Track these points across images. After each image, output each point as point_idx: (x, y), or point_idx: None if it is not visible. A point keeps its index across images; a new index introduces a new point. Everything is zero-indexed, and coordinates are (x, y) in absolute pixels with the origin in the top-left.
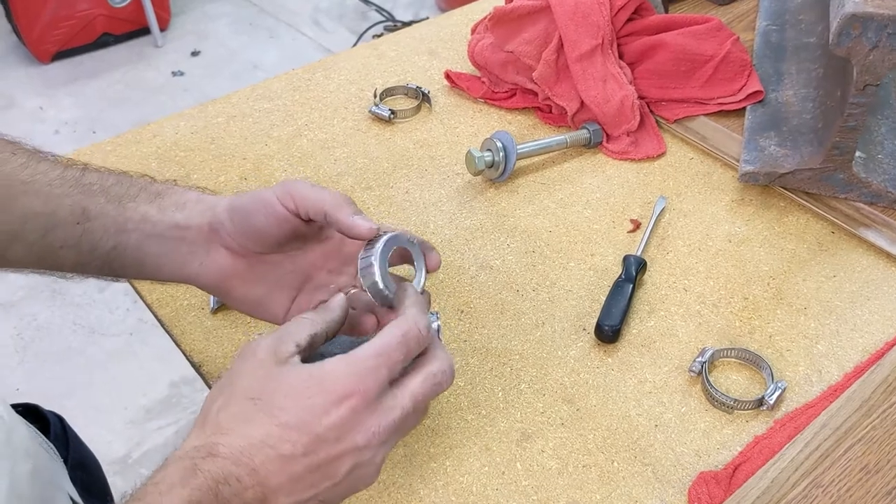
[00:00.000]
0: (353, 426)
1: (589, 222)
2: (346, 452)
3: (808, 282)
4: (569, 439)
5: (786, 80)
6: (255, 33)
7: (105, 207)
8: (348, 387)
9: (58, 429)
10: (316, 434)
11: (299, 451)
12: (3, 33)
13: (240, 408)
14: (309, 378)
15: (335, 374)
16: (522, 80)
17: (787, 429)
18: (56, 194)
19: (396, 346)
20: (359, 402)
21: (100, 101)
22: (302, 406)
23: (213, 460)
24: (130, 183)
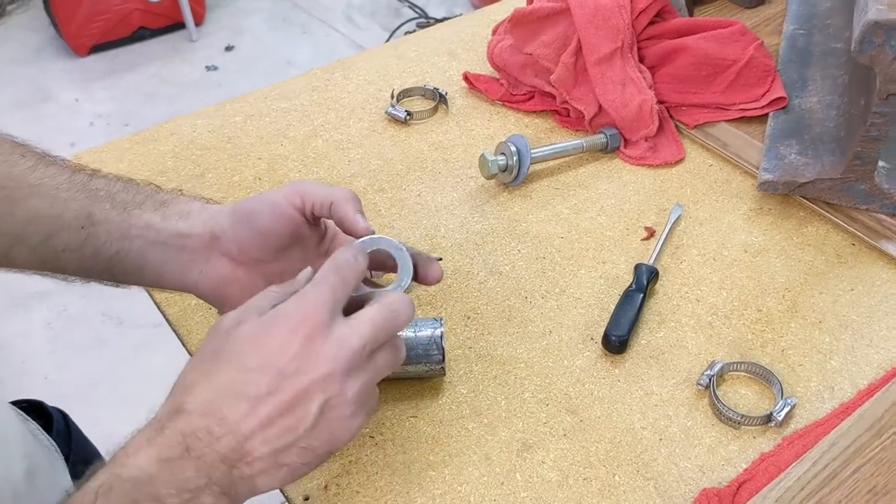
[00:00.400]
0: (311, 356)
1: (602, 229)
2: (311, 386)
3: (825, 295)
4: (570, 451)
5: (810, 87)
6: (289, 29)
7: (110, 213)
8: (297, 316)
9: (60, 425)
10: (277, 369)
11: (264, 390)
12: (42, 26)
13: (202, 365)
14: (262, 323)
15: (284, 310)
16: (541, 83)
17: (795, 447)
18: (62, 198)
19: (330, 271)
20: (311, 328)
21: (135, 94)
22: (259, 345)
23: (179, 416)
24: (137, 190)
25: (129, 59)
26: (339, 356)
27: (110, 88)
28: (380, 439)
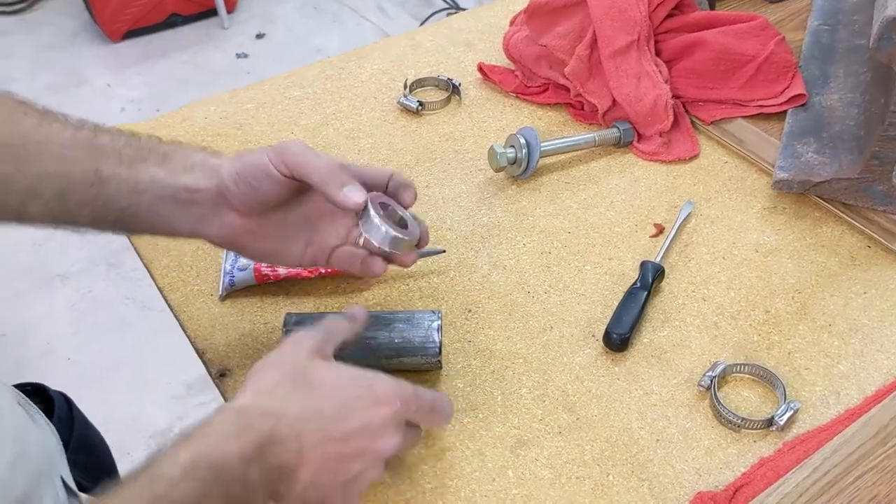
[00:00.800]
0: (381, 431)
1: (610, 225)
2: (365, 452)
3: (836, 297)
4: (565, 449)
5: (832, 84)
6: (320, 17)
7: (117, 169)
8: (390, 396)
9: (63, 410)
10: (355, 428)
11: (339, 437)
12: (77, 11)
13: (299, 385)
14: (359, 378)
15: (381, 382)
16: (555, 75)
17: (796, 452)
18: (70, 156)
19: (413, 396)
20: (392, 411)
21: (167, 80)
22: (352, 397)
23: (270, 419)
24: (139, 144)
25: (162, 46)
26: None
27: (143, 74)
28: None
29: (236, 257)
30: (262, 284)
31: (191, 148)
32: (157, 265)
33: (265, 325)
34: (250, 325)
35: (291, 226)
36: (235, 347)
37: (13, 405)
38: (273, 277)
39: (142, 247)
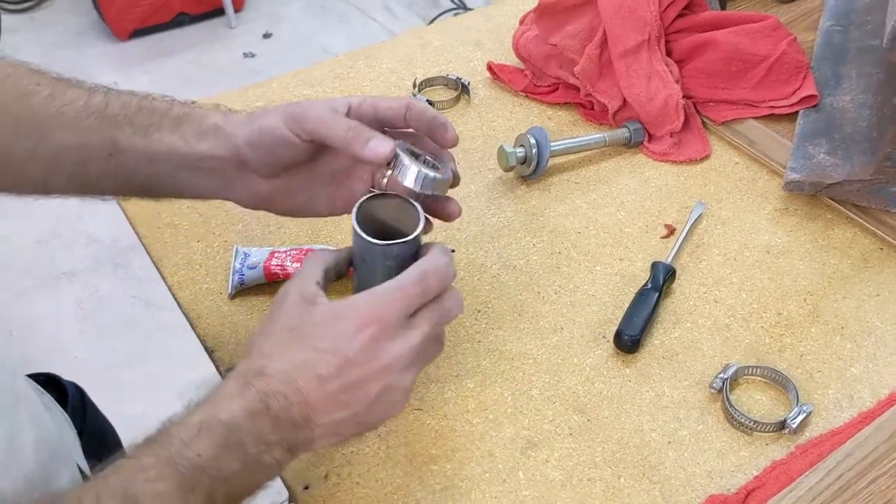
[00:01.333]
0: (376, 351)
1: (621, 225)
2: (373, 373)
3: (849, 299)
4: (576, 451)
5: (844, 85)
6: (326, 17)
7: (132, 139)
8: (368, 316)
9: (76, 400)
10: (346, 356)
11: (333, 372)
12: (85, 9)
13: (280, 337)
14: (335, 311)
15: (356, 306)
16: (565, 75)
17: (809, 455)
18: (84, 127)
19: (414, 282)
20: (378, 329)
21: (173, 79)
22: (333, 333)
23: (262, 378)
24: (153, 109)
25: (169, 45)
26: (402, 355)
27: (150, 73)
28: (383, 431)
29: (245, 255)
30: (272, 283)
31: (203, 109)
32: (167, 263)
33: None
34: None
35: (319, 179)
36: (245, 346)
37: (30, 392)
38: (283, 276)
39: (151, 245)
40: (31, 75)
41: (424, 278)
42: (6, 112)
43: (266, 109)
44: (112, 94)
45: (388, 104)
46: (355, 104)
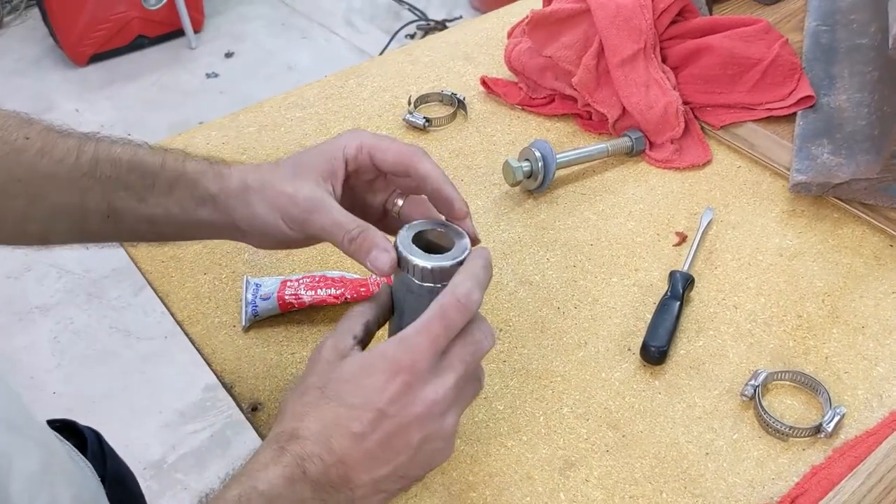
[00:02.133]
0: (410, 399)
1: (632, 235)
2: (411, 423)
3: (866, 298)
4: (615, 468)
5: (838, 84)
6: (289, 34)
7: (128, 203)
8: (396, 364)
9: (95, 445)
10: (378, 409)
11: (368, 428)
12: (40, 37)
13: (311, 397)
14: (363, 361)
15: (384, 354)
16: (561, 86)
17: (847, 458)
18: (79, 188)
19: (436, 319)
20: (409, 375)
21: (136, 103)
22: (362, 387)
23: (296, 441)
24: (144, 170)
25: (129, 68)
26: (438, 400)
27: (111, 98)
28: None
29: (257, 286)
30: (286, 313)
31: (197, 166)
32: (174, 298)
33: (293, 356)
34: (277, 356)
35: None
36: (264, 380)
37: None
38: (298, 305)
39: (155, 280)
40: (20, 127)
41: (445, 314)
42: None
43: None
44: (102, 147)
45: (384, 158)
46: (351, 155)
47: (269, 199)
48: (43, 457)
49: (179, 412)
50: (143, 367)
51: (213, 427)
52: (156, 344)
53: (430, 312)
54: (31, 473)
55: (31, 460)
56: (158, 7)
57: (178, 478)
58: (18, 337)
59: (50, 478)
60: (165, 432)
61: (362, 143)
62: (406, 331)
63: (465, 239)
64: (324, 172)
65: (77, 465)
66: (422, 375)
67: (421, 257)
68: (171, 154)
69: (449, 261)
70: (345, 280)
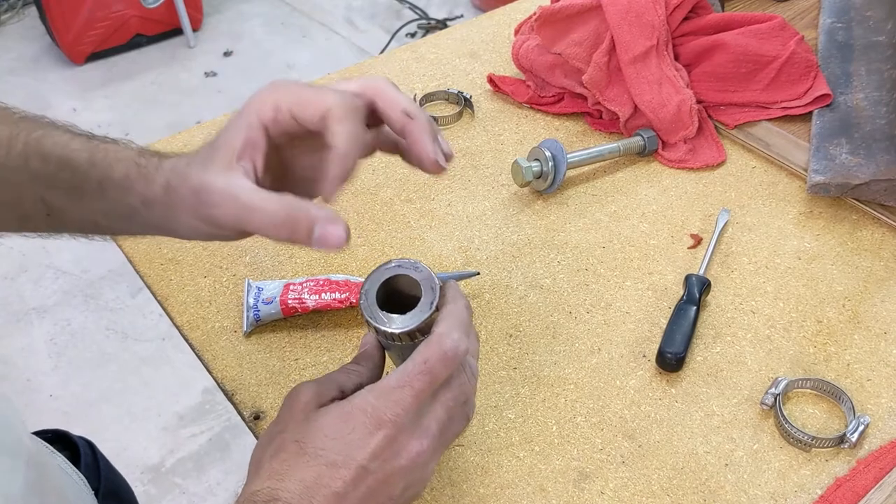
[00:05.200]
0: (394, 452)
1: (645, 237)
2: (393, 475)
3: (888, 303)
4: (631, 479)
5: (855, 82)
6: (288, 33)
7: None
8: (377, 419)
9: (88, 457)
10: (361, 466)
11: (350, 487)
12: (38, 35)
13: (288, 453)
14: (341, 415)
15: (364, 407)
16: (571, 84)
17: (872, 469)
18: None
19: (421, 375)
20: (391, 430)
21: (134, 102)
22: (342, 443)
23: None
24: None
25: (127, 67)
26: (422, 451)
27: (109, 97)
28: None
29: (259, 290)
30: (289, 318)
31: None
32: (173, 302)
33: (296, 362)
34: (280, 363)
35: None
36: (266, 387)
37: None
38: (301, 310)
39: (154, 283)
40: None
41: (431, 369)
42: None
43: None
44: (32, 140)
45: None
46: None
47: (184, 200)
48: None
49: (178, 415)
50: (141, 369)
51: (212, 431)
52: (153, 346)
53: (414, 365)
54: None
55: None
56: (157, 5)
57: (176, 482)
58: (15, 339)
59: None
60: (163, 436)
61: (279, 105)
62: (389, 381)
63: (432, 278)
64: (238, 150)
65: (69, 479)
66: (404, 428)
67: (391, 322)
68: (102, 150)
69: (421, 316)
70: (349, 283)
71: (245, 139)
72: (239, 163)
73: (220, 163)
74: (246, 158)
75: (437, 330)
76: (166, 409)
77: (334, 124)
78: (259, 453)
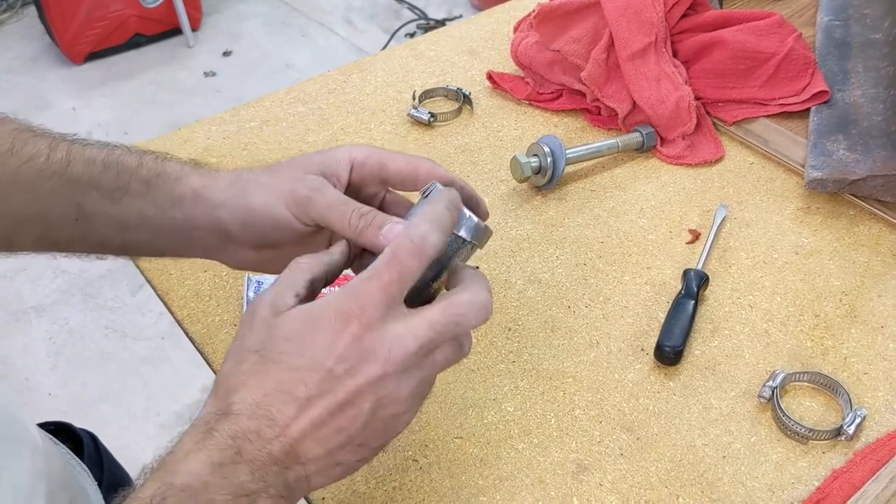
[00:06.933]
0: (361, 354)
1: (644, 232)
2: (362, 386)
3: (884, 297)
4: (629, 472)
5: (852, 79)
6: (288, 33)
7: (100, 204)
8: (343, 315)
9: (91, 449)
10: (327, 369)
11: (314, 391)
12: (37, 34)
13: (248, 364)
14: (306, 315)
15: (330, 303)
16: (569, 81)
17: (869, 461)
18: (45, 191)
19: (387, 264)
20: (359, 326)
21: (133, 101)
22: (306, 343)
23: (228, 419)
24: (120, 168)
25: (126, 67)
26: (392, 358)
27: (108, 96)
28: (424, 463)
29: (259, 284)
30: None
31: (178, 165)
32: (174, 296)
33: None
34: None
35: (316, 246)
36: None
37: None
38: None
39: (155, 278)
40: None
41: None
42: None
43: (258, 180)
44: (76, 147)
45: (397, 167)
46: (359, 160)
47: (269, 188)
48: (37, 463)
49: (177, 414)
50: (141, 368)
51: None
52: (152, 345)
53: (381, 258)
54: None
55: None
56: (156, 5)
57: None
58: (14, 338)
59: (44, 485)
60: (162, 434)
61: (370, 152)
62: (354, 280)
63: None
64: (326, 172)
65: (73, 470)
66: (372, 326)
67: None
68: (150, 154)
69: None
70: (348, 278)
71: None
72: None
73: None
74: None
75: (408, 221)
76: (165, 408)
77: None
78: (219, 373)
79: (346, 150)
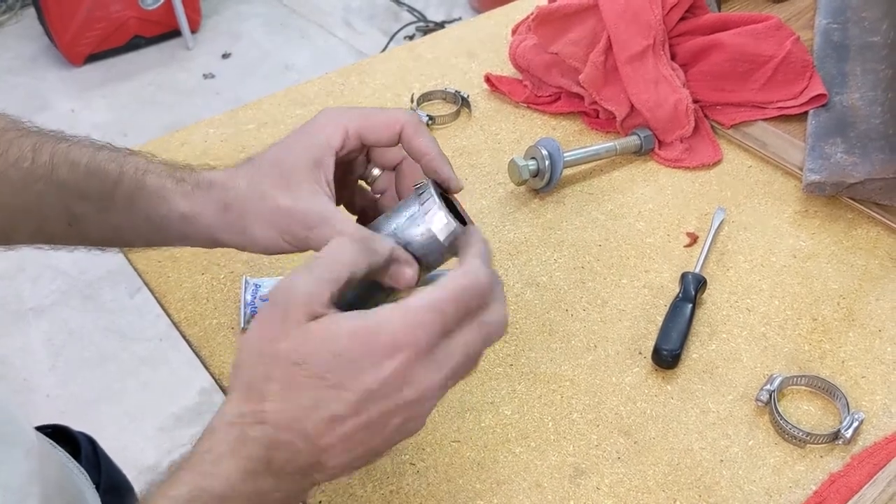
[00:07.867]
0: (404, 381)
1: (642, 235)
2: (396, 408)
3: (882, 301)
4: (627, 475)
5: (850, 82)
6: (287, 35)
7: (89, 211)
8: (400, 339)
9: (88, 451)
10: (367, 390)
11: (350, 411)
12: (36, 35)
13: (284, 374)
14: (356, 332)
15: (387, 325)
16: (568, 84)
17: (866, 465)
18: (35, 192)
19: (455, 300)
20: (410, 356)
21: (132, 103)
22: (351, 362)
23: (262, 426)
24: (101, 178)
25: (126, 68)
26: (433, 387)
27: (107, 98)
28: (421, 466)
29: (256, 287)
30: None
31: (155, 186)
32: (171, 299)
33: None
34: None
35: None
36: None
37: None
38: None
39: (152, 280)
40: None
41: (461, 297)
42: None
43: (252, 209)
44: (60, 148)
45: (377, 138)
46: (338, 145)
47: (264, 217)
48: (30, 465)
49: (175, 416)
50: (139, 369)
51: None
52: (151, 346)
53: (446, 290)
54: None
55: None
56: (155, 7)
57: None
58: (13, 338)
59: (38, 487)
60: (161, 436)
61: (347, 129)
62: (414, 301)
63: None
64: (314, 173)
65: (71, 473)
66: (422, 357)
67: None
68: (131, 160)
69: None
70: None
71: (319, 163)
72: (320, 186)
73: (303, 184)
74: (322, 182)
75: (470, 261)
76: (163, 409)
77: (416, 137)
78: (250, 372)
79: (325, 137)
